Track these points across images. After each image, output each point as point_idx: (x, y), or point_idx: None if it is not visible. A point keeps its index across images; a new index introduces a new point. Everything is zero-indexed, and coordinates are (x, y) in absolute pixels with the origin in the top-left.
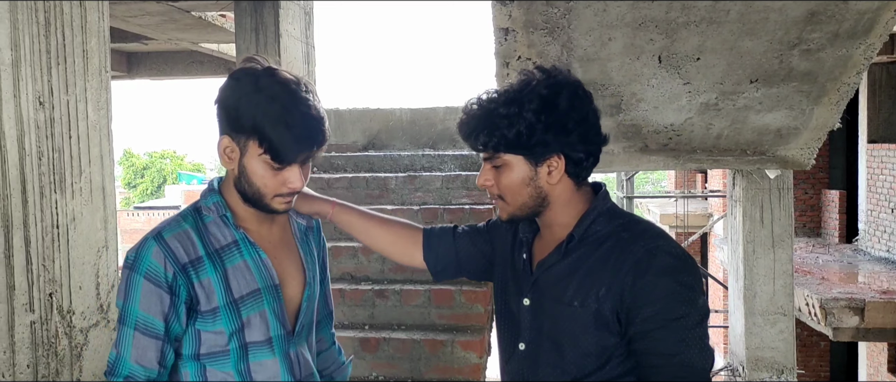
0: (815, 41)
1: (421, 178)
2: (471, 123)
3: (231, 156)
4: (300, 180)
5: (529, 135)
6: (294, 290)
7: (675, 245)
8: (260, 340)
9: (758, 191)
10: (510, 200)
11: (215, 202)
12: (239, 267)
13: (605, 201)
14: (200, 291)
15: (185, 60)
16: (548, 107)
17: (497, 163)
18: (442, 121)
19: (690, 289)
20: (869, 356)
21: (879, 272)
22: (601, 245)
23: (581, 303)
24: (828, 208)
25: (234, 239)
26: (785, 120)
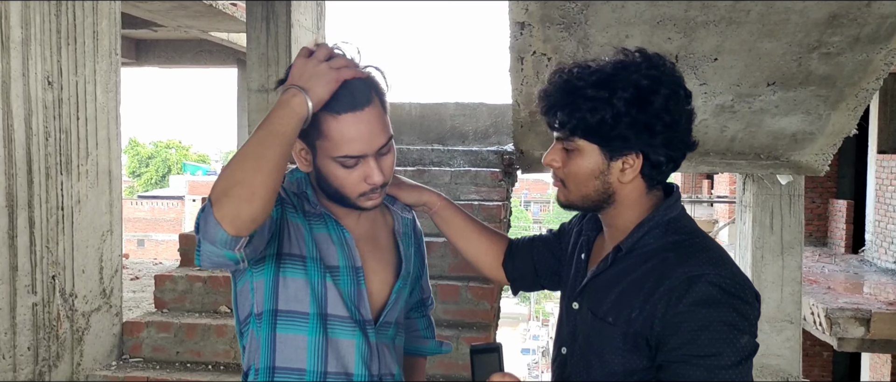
0: (836, 45)
1: (430, 173)
2: (552, 96)
3: (307, 158)
4: (379, 173)
5: (613, 126)
6: (377, 286)
7: (728, 275)
8: (342, 315)
9: (768, 197)
10: (573, 188)
11: (299, 178)
12: (323, 237)
13: (668, 211)
14: (291, 229)
15: (195, 49)
16: (641, 100)
17: (569, 146)
18: (451, 117)
19: (730, 326)
20: (872, 367)
21: (886, 283)
22: (646, 261)
23: (614, 320)
24: (835, 217)
25: (320, 213)
26: (801, 124)
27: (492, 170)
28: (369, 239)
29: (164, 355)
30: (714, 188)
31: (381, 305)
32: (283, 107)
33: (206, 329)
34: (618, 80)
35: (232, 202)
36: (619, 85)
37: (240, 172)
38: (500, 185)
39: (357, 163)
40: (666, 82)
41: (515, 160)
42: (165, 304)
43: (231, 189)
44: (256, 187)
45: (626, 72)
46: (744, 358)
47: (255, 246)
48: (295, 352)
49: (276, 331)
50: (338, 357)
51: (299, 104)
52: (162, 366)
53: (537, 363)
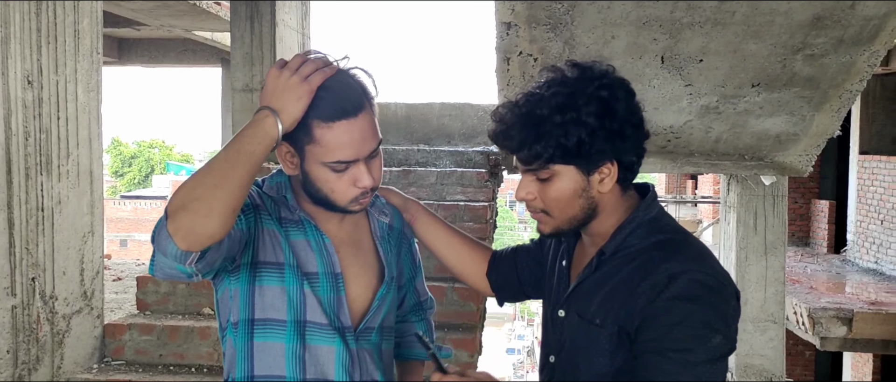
0: (820, 46)
1: (415, 173)
2: (517, 134)
3: (293, 162)
4: (369, 177)
5: (591, 143)
6: (360, 291)
7: (710, 272)
8: (320, 322)
9: (752, 198)
10: (558, 214)
11: (278, 182)
12: (301, 244)
13: (647, 210)
14: (267, 237)
15: (178, 48)
16: (608, 111)
17: (543, 176)
18: (437, 117)
19: (706, 324)
20: (854, 366)
21: (867, 283)
22: (632, 261)
23: (602, 322)
24: (817, 218)
25: (299, 219)
26: (785, 125)
27: (478, 171)
28: (351, 244)
29: (147, 357)
30: (698, 188)
31: (364, 311)
32: (255, 128)
33: (189, 332)
34: (578, 98)
35: (187, 216)
36: (581, 102)
37: (201, 187)
38: (486, 186)
39: (347, 167)
40: (620, 86)
41: (501, 160)
42: (148, 306)
43: (189, 203)
44: (215, 204)
45: (582, 87)
46: (716, 357)
47: (209, 262)
48: (273, 360)
49: (253, 340)
50: (317, 364)
51: (271, 126)
52: (144, 369)
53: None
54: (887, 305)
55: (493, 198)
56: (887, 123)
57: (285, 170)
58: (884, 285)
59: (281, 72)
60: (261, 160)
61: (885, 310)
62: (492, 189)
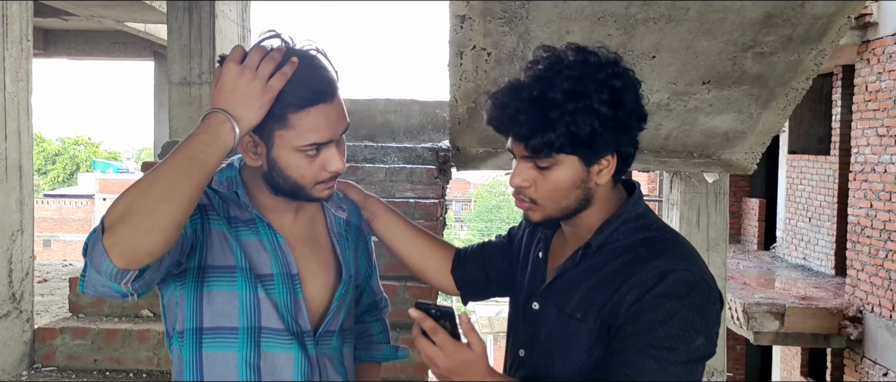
0: (769, 44)
1: (363, 170)
2: (527, 119)
3: (257, 152)
4: (340, 161)
5: (602, 134)
6: (318, 290)
7: (698, 273)
8: (276, 328)
9: (695, 195)
10: (550, 203)
11: (229, 177)
12: (253, 244)
13: (634, 207)
14: (215, 238)
15: (108, 40)
16: (619, 101)
17: (543, 164)
18: (382, 113)
19: (689, 325)
20: (783, 359)
21: (796, 278)
22: (617, 257)
23: (582, 316)
24: (748, 215)
25: (250, 218)
26: (733, 123)
27: (427, 168)
28: (308, 240)
29: (81, 363)
30: None
31: (323, 312)
32: (209, 133)
33: (126, 335)
34: (589, 85)
35: (127, 231)
36: (592, 89)
37: (144, 198)
38: (435, 183)
39: (320, 150)
40: (625, 75)
41: (451, 157)
42: (81, 308)
43: (130, 216)
44: (159, 218)
45: (591, 73)
46: (696, 359)
47: (147, 281)
48: (225, 370)
49: (202, 351)
50: (273, 373)
51: (227, 133)
52: (78, 375)
53: None
54: (816, 300)
55: (442, 195)
56: (814, 124)
57: (247, 160)
58: (812, 280)
59: (241, 71)
60: (213, 169)
61: (814, 305)
62: (441, 186)
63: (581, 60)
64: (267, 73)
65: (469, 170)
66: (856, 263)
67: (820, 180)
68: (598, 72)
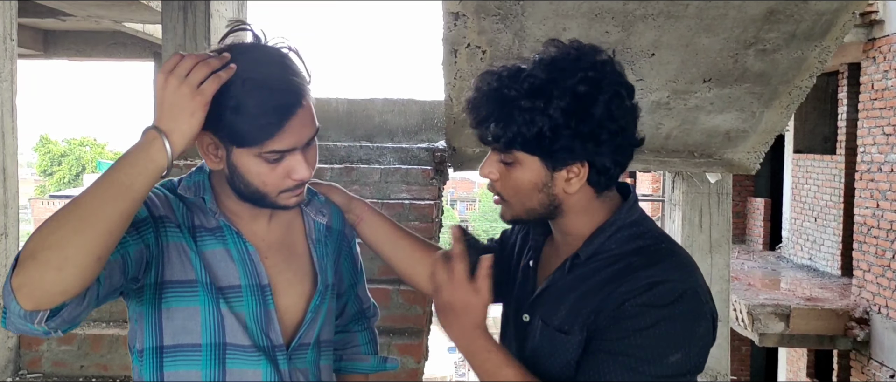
0: (772, 41)
1: (358, 171)
2: (482, 107)
3: (217, 154)
4: (306, 168)
5: (553, 139)
6: (293, 300)
7: (692, 285)
8: (242, 344)
9: (697, 195)
10: (515, 203)
11: (197, 182)
12: (218, 254)
13: (628, 214)
14: (172, 252)
15: (108, 41)
16: (581, 109)
17: (507, 159)
18: (380, 113)
19: (668, 338)
20: (789, 361)
21: (802, 279)
22: (609, 266)
23: (569, 329)
24: (753, 215)
25: (217, 225)
26: (735, 122)
27: (423, 168)
28: (283, 248)
29: (67, 369)
30: (637, 186)
31: (297, 324)
32: (137, 154)
33: (113, 341)
34: (553, 87)
35: (36, 269)
36: (554, 93)
37: (58, 231)
38: (431, 183)
39: (283, 157)
40: (606, 84)
41: (447, 157)
42: None
43: (40, 251)
44: (72, 253)
45: (561, 77)
46: (669, 375)
47: (66, 319)
48: None
49: (163, 371)
50: None
51: (158, 152)
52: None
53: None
54: (822, 301)
55: (438, 196)
56: (819, 122)
57: (209, 164)
58: (818, 281)
59: (167, 79)
60: (141, 194)
61: (820, 306)
62: (437, 187)
63: (564, 59)
64: (197, 79)
65: (465, 170)
66: (862, 263)
67: (826, 180)
68: (569, 76)
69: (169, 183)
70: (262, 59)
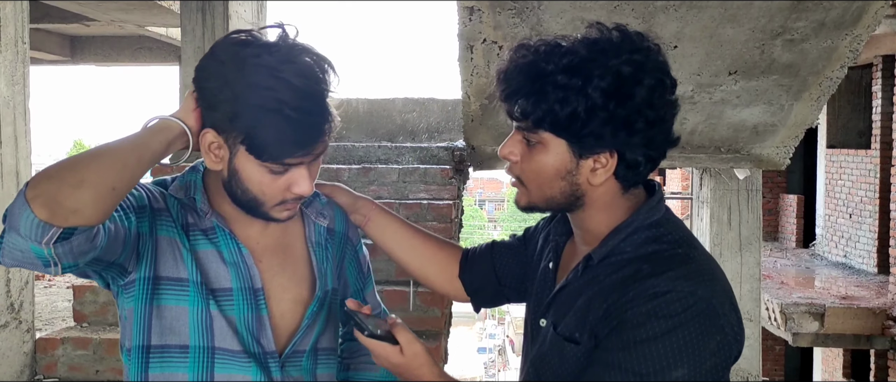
0: (800, 31)
1: (376, 171)
2: (514, 80)
3: (219, 154)
4: (308, 183)
5: (586, 122)
6: (288, 305)
7: (703, 297)
8: (231, 349)
9: (726, 192)
10: (533, 188)
11: (189, 181)
12: (210, 255)
13: (649, 214)
14: (164, 246)
15: (133, 46)
16: (621, 91)
17: (532, 138)
18: (400, 113)
19: (673, 353)
20: (824, 360)
21: (837, 277)
22: (618, 271)
23: (574, 336)
24: (786, 212)
25: (210, 226)
26: (762, 115)
27: (442, 168)
28: (279, 251)
29: (82, 374)
30: (666, 184)
31: (293, 330)
32: (157, 123)
33: None
34: (594, 66)
35: (52, 184)
36: (595, 72)
37: (74, 160)
38: (450, 183)
39: (288, 169)
40: (650, 69)
41: (467, 156)
42: (85, 317)
43: (57, 172)
44: (88, 175)
45: (604, 57)
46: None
47: (74, 249)
48: None
49: (148, 372)
50: None
51: (174, 125)
52: None
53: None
54: (858, 299)
55: (458, 196)
56: (853, 117)
57: (208, 163)
58: (853, 279)
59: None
60: (155, 153)
61: (856, 305)
62: (457, 186)
63: (607, 40)
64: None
65: (484, 169)
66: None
67: (860, 175)
68: (611, 57)
69: (161, 181)
70: (305, 71)
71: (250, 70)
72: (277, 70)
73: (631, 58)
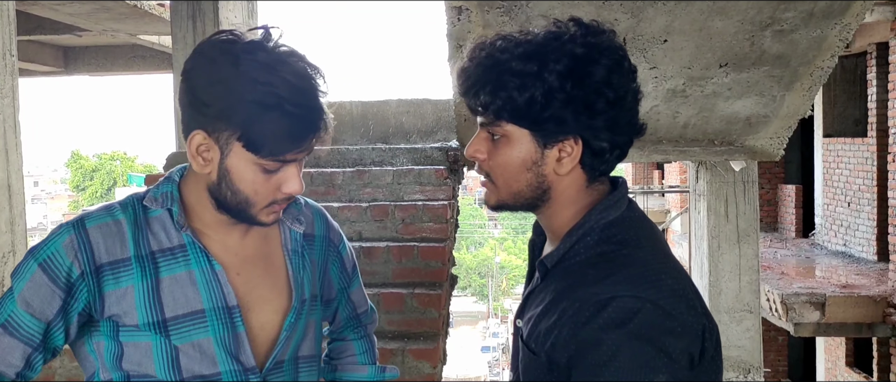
0: (789, 21)
1: (370, 173)
2: (472, 74)
3: (207, 157)
4: (299, 182)
5: (545, 106)
6: (269, 316)
7: (648, 299)
8: (206, 373)
9: (722, 185)
10: (502, 184)
11: (165, 192)
12: (179, 279)
13: (605, 212)
14: (115, 301)
15: (126, 54)
16: (578, 73)
17: (495, 132)
18: (394, 114)
19: (643, 361)
20: (827, 350)
21: (837, 266)
22: (568, 277)
23: (536, 345)
24: (784, 203)
25: (180, 243)
26: (755, 107)
27: (437, 168)
28: (259, 261)
29: None
30: (665, 178)
31: (273, 341)
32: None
33: None
34: (549, 51)
35: None
36: (550, 56)
37: None
38: (445, 183)
39: (281, 167)
40: (606, 51)
41: (461, 156)
42: None
43: None
44: None
45: (558, 42)
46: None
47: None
48: None
49: None
50: None
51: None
52: None
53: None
54: (858, 288)
55: (453, 197)
56: (848, 105)
57: (195, 167)
58: (853, 267)
59: None
60: None
61: (856, 293)
62: (452, 186)
63: (564, 31)
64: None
65: None
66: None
67: (858, 163)
68: (566, 41)
69: (134, 196)
70: (299, 70)
71: (246, 65)
72: (273, 66)
73: (585, 40)
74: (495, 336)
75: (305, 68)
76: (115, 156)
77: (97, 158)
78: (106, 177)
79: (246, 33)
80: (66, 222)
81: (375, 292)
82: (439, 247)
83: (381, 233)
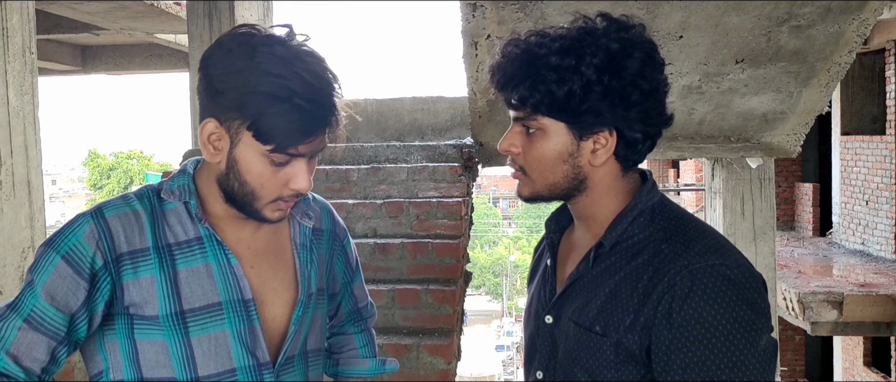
0: (806, 16)
1: (385, 170)
2: (508, 69)
3: (218, 146)
4: (307, 179)
5: (583, 98)
6: (279, 310)
7: (733, 263)
8: (216, 372)
9: (738, 182)
10: (537, 176)
11: (181, 185)
12: (196, 271)
13: (650, 195)
14: (134, 291)
15: (143, 53)
16: (614, 66)
17: (531, 126)
18: (409, 112)
19: (748, 327)
20: (844, 349)
21: (855, 264)
22: (635, 256)
23: (603, 330)
24: (801, 201)
25: (196, 236)
26: (771, 103)
27: (451, 165)
28: (270, 255)
29: None
30: (680, 176)
31: (283, 334)
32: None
33: None
34: (585, 46)
35: None
36: (586, 51)
37: None
38: (460, 180)
39: (290, 161)
40: (639, 45)
41: (475, 153)
42: None
43: None
44: None
45: (592, 37)
46: (766, 360)
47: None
48: None
49: None
50: None
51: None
52: None
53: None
54: (877, 286)
55: (468, 193)
56: (867, 102)
57: (206, 155)
58: (871, 266)
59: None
60: None
61: (874, 292)
62: (466, 183)
63: (594, 26)
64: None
65: (493, 166)
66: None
67: (876, 161)
68: (600, 36)
69: (149, 187)
70: (315, 69)
71: (261, 58)
72: (289, 61)
73: (618, 36)
74: (509, 334)
75: (322, 70)
76: (131, 155)
77: (114, 157)
78: (123, 175)
79: (267, 29)
80: (83, 212)
81: (390, 288)
82: (454, 244)
83: (396, 230)
